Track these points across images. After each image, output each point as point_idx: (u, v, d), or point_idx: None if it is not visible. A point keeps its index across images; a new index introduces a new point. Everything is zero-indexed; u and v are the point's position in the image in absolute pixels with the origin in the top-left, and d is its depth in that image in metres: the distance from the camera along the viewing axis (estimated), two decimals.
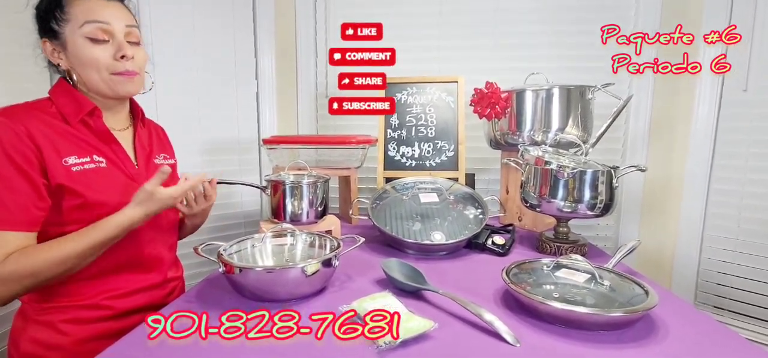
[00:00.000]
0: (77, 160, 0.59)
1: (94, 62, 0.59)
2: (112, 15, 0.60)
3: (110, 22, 0.60)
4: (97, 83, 0.61)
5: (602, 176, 0.79)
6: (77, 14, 0.58)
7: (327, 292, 0.66)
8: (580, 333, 0.52)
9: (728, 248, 1.18)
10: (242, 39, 1.34)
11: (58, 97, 0.62)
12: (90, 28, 0.58)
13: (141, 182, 0.65)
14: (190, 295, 0.66)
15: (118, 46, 0.60)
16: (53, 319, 0.60)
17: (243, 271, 0.60)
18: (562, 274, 0.63)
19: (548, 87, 0.99)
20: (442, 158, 1.16)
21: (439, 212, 0.92)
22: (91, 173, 0.60)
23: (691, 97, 1.23)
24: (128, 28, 0.62)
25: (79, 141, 0.61)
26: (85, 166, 0.60)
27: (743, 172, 1.14)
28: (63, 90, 0.62)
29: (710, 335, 0.53)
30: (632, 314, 0.51)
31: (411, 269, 0.68)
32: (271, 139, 1.11)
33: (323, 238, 0.74)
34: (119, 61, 0.61)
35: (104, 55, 0.60)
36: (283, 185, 0.87)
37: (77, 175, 0.59)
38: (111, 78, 0.61)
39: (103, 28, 0.59)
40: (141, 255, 0.67)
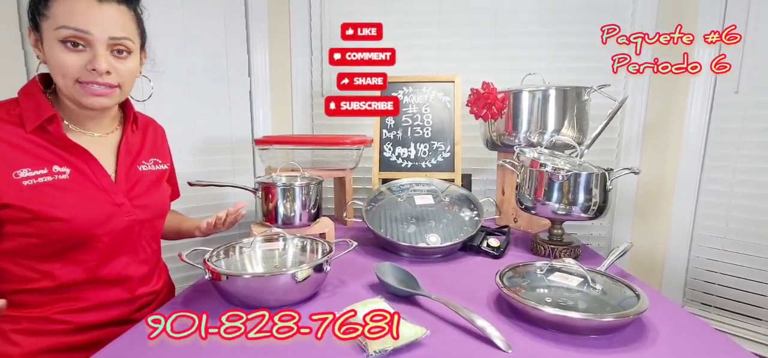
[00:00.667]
0: (29, 172, 0.54)
1: (61, 68, 0.54)
2: (96, 21, 0.53)
3: (89, 31, 0.53)
4: (63, 90, 0.57)
5: (596, 179, 0.79)
6: (56, 14, 0.53)
7: (318, 298, 0.65)
8: (572, 338, 0.52)
9: (716, 247, 1.19)
10: (234, 33, 1.32)
11: (24, 99, 0.57)
12: (63, 33, 0.53)
13: (115, 193, 0.61)
14: (175, 302, 0.65)
15: (92, 56, 0.54)
16: (4, 328, 0.57)
17: (230, 278, 0.59)
18: (555, 277, 0.63)
19: (545, 88, 0.99)
20: (438, 159, 1.15)
21: (434, 214, 0.92)
22: (45, 187, 0.55)
23: (685, 99, 1.23)
24: (114, 39, 0.55)
25: (37, 149, 0.56)
26: (38, 180, 0.54)
27: (733, 173, 1.16)
28: (31, 91, 0.57)
29: (699, 337, 0.53)
30: (623, 318, 0.51)
31: (405, 274, 0.68)
32: (263, 140, 1.10)
33: (315, 242, 0.73)
34: (88, 72, 0.55)
35: (75, 63, 0.54)
36: (275, 188, 0.86)
37: (28, 189, 0.54)
38: (76, 87, 0.55)
39: (78, 35, 0.53)
40: (99, 274, 0.61)
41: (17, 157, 0.54)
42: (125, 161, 0.65)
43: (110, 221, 0.60)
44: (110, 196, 0.61)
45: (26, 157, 0.55)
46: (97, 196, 0.60)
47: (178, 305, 0.63)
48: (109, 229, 0.60)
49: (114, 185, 0.62)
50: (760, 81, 1.11)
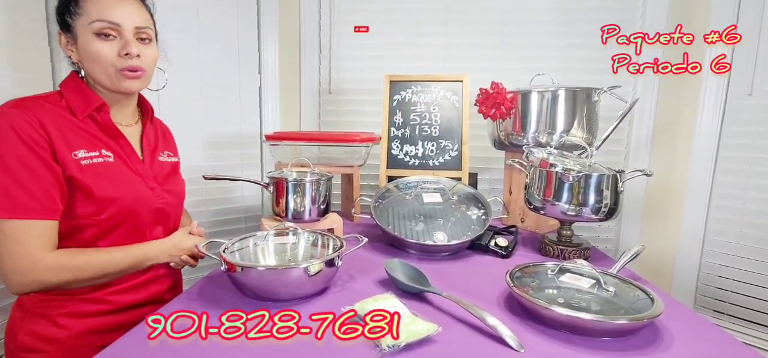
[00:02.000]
0: (86, 154, 0.60)
1: (99, 57, 0.61)
2: (123, 14, 0.61)
3: (119, 22, 0.61)
4: (101, 78, 0.63)
5: (608, 180, 0.78)
6: (89, 10, 0.60)
7: (329, 292, 0.65)
8: (585, 339, 0.52)
9: (729, 252, 1.18)
10: (246, 32, 1.33)
11: (68, 91, 0.63)
12: (98, 26, 0.60)
13: (146, 177, 0.68)
14: (191, 292, 0.65)
15: (124, 43, 0.62)
16: (52, 312, 0.61)
17: (245, 270, 0.60)
18: (566, 278, 0.63)
19: (554, 89, 0.99)
20: (445, 158, 1.15)
21: (442, 212, 0.92)
22: (99, 167, 0.61)
23: (696, 101, 1.22)
24: (138, 28, 0.63)
25: (87, 135, 0.62)
26: (93, 160, 0.61)
27: (747, 177, 1.14)
28: (73, 84, 0.64)
29: (715, 343, 0.52)
30: (637, 322, 0.51)
31: (414, 271, 0.68)
32: (273, 136, 1.10)
33: (326, 237, 0.74)
34: (123, 58, 0.62)
35: (110, 51, 0.61)
36: (286, 183, 0.87)
37: (86, 168, 0.60)
38: (114, 73, 0.62)
39: (112, 27, 0.61)
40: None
41: (74, 140, 0.60)
42: (148, 150, 0.71)
43: (149, 202, 0.66)
44: (145, 180, 0.67)
45: (81, 141, 0.61)
46: (136, 178, 0.66)
47: (195, 295, 0.64)
48: (148, 209, 0.66)
49: (147, 170, 0.69)
50: None
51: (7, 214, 0.54)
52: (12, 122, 0.55)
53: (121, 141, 0.66)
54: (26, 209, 0.54)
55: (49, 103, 0.60)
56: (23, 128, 0.55)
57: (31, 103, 0.59)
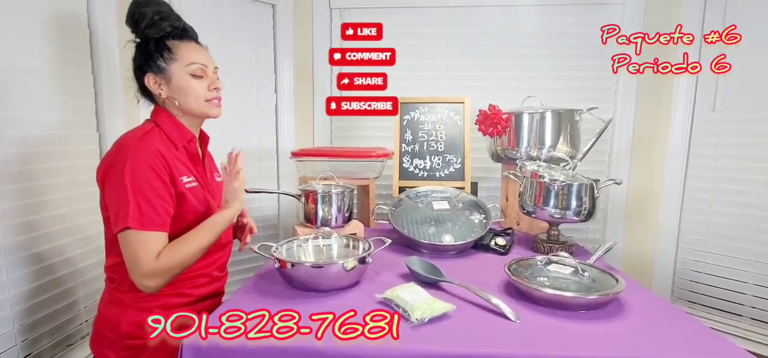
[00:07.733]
0: (186, 179, 0.75)
1: (194, 92, 0.77)
2: (207, 58, 0.79)
3: (206, 64, 0.79)
4: (193, 108, 0.78)
5: (585, 188, 0.95)
6: (184, 55, 0.76)
7: (361, 284, 0.80)
8: (565, 312, 0.67)
9: (700, 249, 1.34)
10: (263, 56, 1.48)
11: (164, 124, 0.77)
12: (194, 68, 0.77)
13: (216, 196, 0.82)
14: (247, 286, 0.80)
15: (210, 81, 0.79)
16: (149, 305, 0.72)
17: (295, 265, 0.74)
18: (552, 268, 0.79)
19: (542, 110, 1.15)
20: (450, 170, 1.31)
21: (449, 217, 1.07)
22: (195, 190, 0.76)
23: (668, 116, 1.39)
24: (215, 69, 0.81)
25: (182, 161, 0.76)
26: (190, 184, 0.75)
27: (712, 182, 1.31)
28: (167, 119, 0.77)
29: (664, 311, 0.69)
30: (604, 296, 0.67)
31: (429, 265, 0.83)
32: (299, 152, 1.25)
33: (356, 240, 0.88)
34: (211, 92, 0.79)
35: (201, 87, 0.78)
36: (316, 194, 1.02)
37: (188, 190, 0.74)
38: (205, 104, 0.79)
39: (202, 68, 0.78)
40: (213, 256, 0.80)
41: (178, 166, 0.74)
42: (210, 172, 0.85)
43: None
44: (216, 198, 0.82)
45: (181, 166, 0.75)
46: (209, 197, 0.80)
47: (251, 289, 0.78)
48: None
49: (214, 190, 0.83)
50: (732, 100, 1.26)
51: (138, 226, 0.66)
52: (141, 153, 0.68)
53: (198, 167, 0.81)
54: (153, 223, 0.67)
55: (156, 136, 0.73)
56: (152, 158, 0.69)
57: (149, 138, 0.72)
